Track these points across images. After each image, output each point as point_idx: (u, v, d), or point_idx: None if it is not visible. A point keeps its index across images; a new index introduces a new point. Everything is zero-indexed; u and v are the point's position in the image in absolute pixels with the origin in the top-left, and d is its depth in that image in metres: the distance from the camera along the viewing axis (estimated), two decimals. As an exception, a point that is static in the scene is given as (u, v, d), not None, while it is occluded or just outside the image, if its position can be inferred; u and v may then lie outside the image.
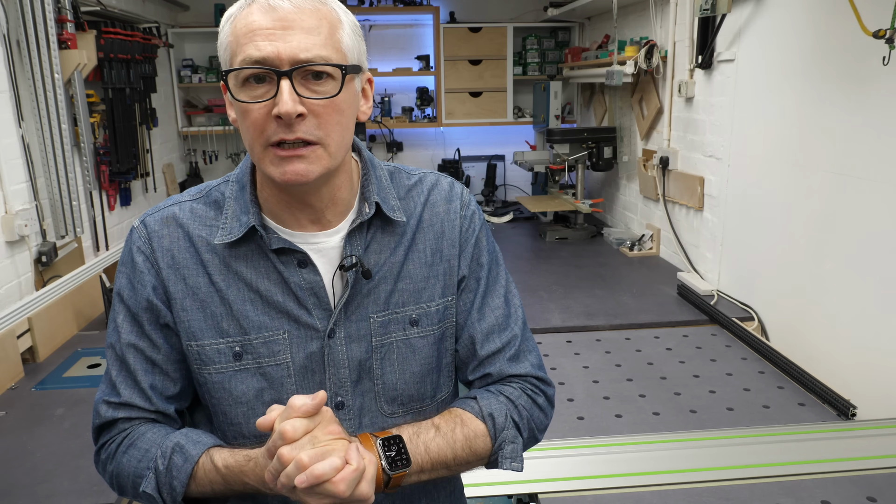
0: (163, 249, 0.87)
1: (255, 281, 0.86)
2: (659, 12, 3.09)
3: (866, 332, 1.78)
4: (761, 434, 1.48)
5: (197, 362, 0.87)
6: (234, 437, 0.89)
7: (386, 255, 0.90)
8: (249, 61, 0.76)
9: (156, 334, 0.88)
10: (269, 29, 0.76)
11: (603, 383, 1.83)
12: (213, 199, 0.89)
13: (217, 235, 0.86)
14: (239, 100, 0.78)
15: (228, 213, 0.87)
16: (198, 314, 0.86)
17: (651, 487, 1.29)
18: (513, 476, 1.30)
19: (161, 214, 0.89)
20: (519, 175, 4.91)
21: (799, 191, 2.05)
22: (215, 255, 0.86)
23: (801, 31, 2.02)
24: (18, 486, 1.54)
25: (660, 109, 3.12)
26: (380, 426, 0.90)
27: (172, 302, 0.86)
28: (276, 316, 0.86)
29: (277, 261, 0.86)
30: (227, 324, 0.86)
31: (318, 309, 0.87)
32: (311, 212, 0.87)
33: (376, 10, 4.46)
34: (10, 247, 2.41)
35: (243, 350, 0.86)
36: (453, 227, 0.94)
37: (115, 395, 0.88)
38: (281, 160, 0.79)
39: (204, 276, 0.86)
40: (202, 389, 0.89)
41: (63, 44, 2.68)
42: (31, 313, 2.28)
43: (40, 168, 2.63)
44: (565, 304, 2.50)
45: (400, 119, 4.64)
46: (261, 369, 0.86)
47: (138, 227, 0.89)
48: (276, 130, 0.77)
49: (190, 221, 0.88)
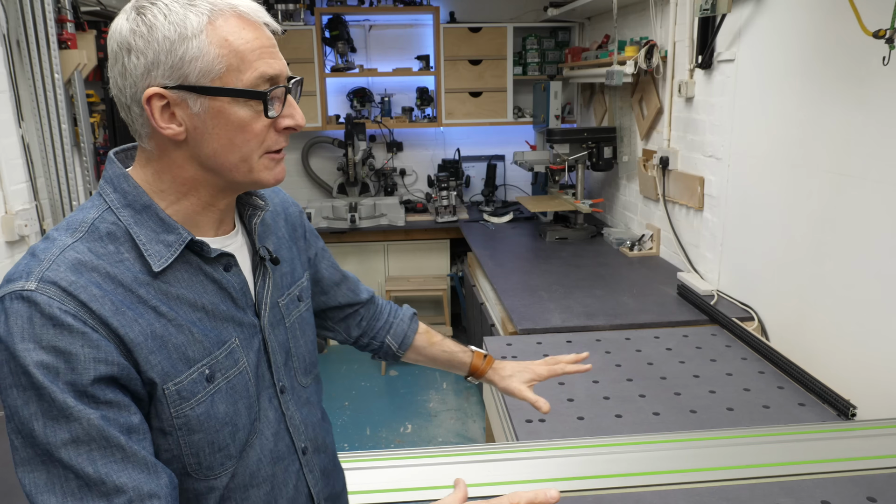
0: (94, 299, 0.74)
1: (196, 299, 0.84)
2: (659, 12, 3.10)
3: (866, 332, 1.78)
4: (761, 434, 1.48)
5: (176, 404, 0.80)
6: (221, 463, 0.86)
7: (272, 242, 0.98)
8: (265, 77, 0.80)
9: (115, 394, 0.74)
10: (270, 47, 0.82)
11: (603, 383, 1.83)
12: (104, 232, 0.79)
13: (152, 262, 0.79)
14: (271, 116, 0.81)
15: (142, 239, 0.80)
16: (162, 353, 0.79)
17: (651, 487, 1.29)
18: (513, 476, 1.30)
19: (64, 261, 0.75)
20: (519, 175, 4.91)
21: (799, 191, 2.05)
22: (150, 287, 0.79)
23: (801, 31, 2.02)
24: (18, 486, 1.54)
25: (660, 109, 3.12)
26: (302, 400, 0.99)
27: (136, 350, 0.76)
28: (224, 326, 0.86)
29: (212, 270, 0.86)
30: (192, 350, 0.82)
31: (249, 307, 0.91)
32: (227, 211, 0.90)
33: (376, 10, 4.46)
34: (10, 247, 2.41)
35: (212, 371, 0.84)
36: (289, 210, 1.06)
37: (121, 496, 0.72)
38: (276, 164, 0.85)
39: (150, 312, 0.78)
40: (176, 435, 0.81)
41: (63, 44, 2.68)
42: (31, 313, 2.28)
43: (40, 168, 2.63)
44: (565, 304, 2.49)
45: (400, 119, 4.64)
46: (229, 383, 0.86)
47: (39, 288, 0.72)
48: (279, 140, 0.84)
49: (99, 262, 0.77)
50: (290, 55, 4.35)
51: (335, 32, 4.40)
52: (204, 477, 0.85)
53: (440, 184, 4.32)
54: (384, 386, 4.05)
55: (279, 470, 0.94)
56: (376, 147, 4.80)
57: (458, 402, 3.84)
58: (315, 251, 1.12)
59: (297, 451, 0.97)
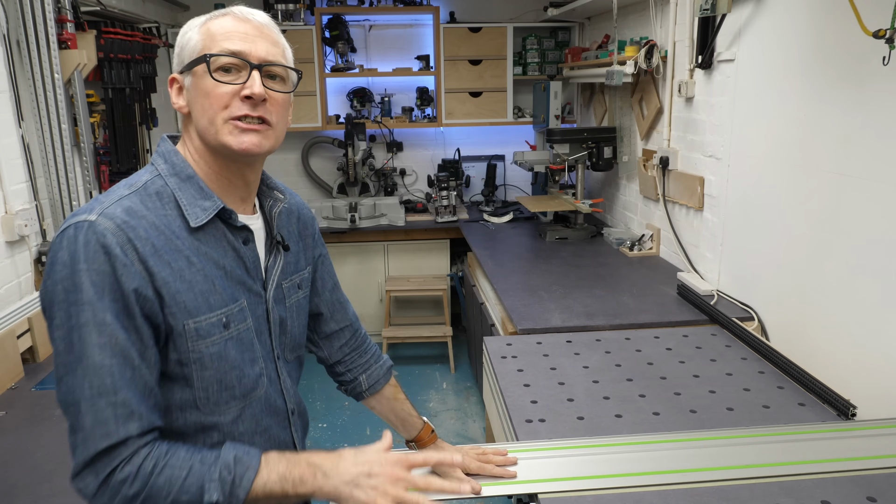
0: (140, 239, 0.91)
1: (220, 259, 1.00)
2: (659, 12, 3.10)
3: (866, 332, 1.78)
4: (761, 434, 1.48)
5: (193, 339, 0.95)
6: (227, 401, 1.01)
7: (283, 234, 1.14)
8: (227, 52, 0.96)
9: (143, 323, 0.91)
10: (243, 32, 0.98)
11: (603, 383, 1.83)
12: (153, 191, 0.97)
13: (190, 219, 0.96)
14: (216, 79, 0.96)
15: (184, 201, 0.97)
16: (189, 294, 0.95)
17: (651, 487, 1.29)
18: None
19: (120, 206, 0.92)
20: (519, 175, 4.91)
21: (799, 191, 2.05)
22: (185, 240, 0.96)
23: (801, 31, 2.02)
24: (18, 486, 1.54)
25: (660, 109, 3.12)
26: (287, 371, 1.15)
27: (164, 287, 0.92)
28: (237, 287, 1.02)
29: (234, 239, 1.03)
30: (213, 298, 0.97)
31: (258, 280, 1.07)
32: (245, 190, 1.07)
33: (376, 10, 4.46)
34: (10, 247, 2.41)
35: (229, 320, 1.00)
36: (303, 212, 1.23)
37: (124, 408, 0.87)
38: (241, 132, 0.97)
39: (183, 259, 0.95)
40: (190, 368, 0.96)
41: (63, 44, 2.68)
42: (32, 313, 2.28)
43: (40, 168, 2.63)
44: (565, 304, 2.49)
45: (400, 119, 4.64)
46: (239, 335, 1.02)
47: (99, 220, 0.89)
48: (241, 107, 0.97)
49: (147, 213, 0.94)
50: (290, 55, 4.35)
51: (335, 32, 4.39)
52: (210, 412, 0.99)
53: (440, 184, 4.32)
54: (384, 386, 4.05)
55: (274, 423, 1.11)
56: (376, 147, 4.80)
57: (459, 402, 3.84)
58: (319, 253, 1.27)
59: (287, 410, 1.14)
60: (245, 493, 0.90)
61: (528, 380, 1.85)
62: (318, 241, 1.27)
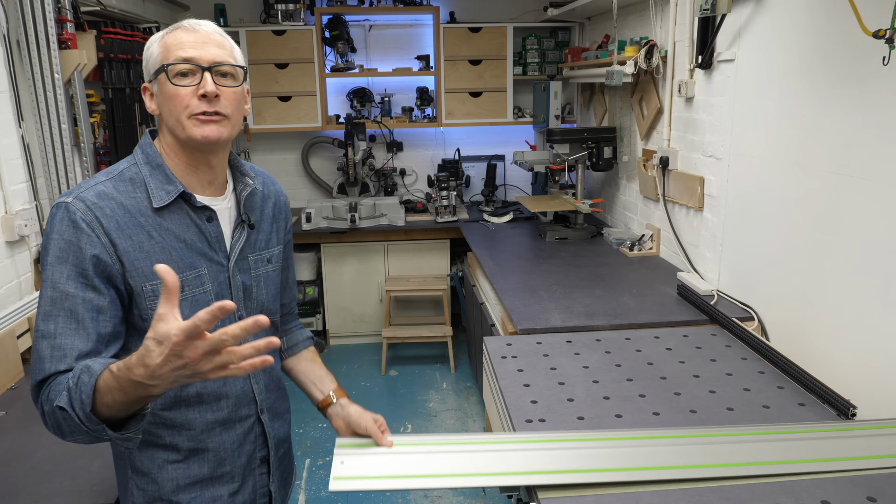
0: (106, 216, 1.13)
1: (181, 233, 1.21)
2: (659, 12, 3.10)
3: (866, 332, 1.78)
4: (761, 433, 1.48)
5: (150, 298, 1.16)
6: None
7: (255, 215, 1.34)
8: (181, 59, 1.16)
9: (100, 283, 1.12)
10: (193, 41, 1.17)
11: (603, 383, 1.83)
12: (128, 177, 1.19)
13: (154, 201, 1.17)
14: (175, 84, 1.15)
15: (152, 185, 1.19)
16: (147, 262, 1.15)
17: (650, 486, 1.29)
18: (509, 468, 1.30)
19: (93, 191, 1.15)
20: (519, 175, 4.91)
21: (799, 191, 2.05)
22: (148, 218, 1.18)
23: (801, 31, 2.02)
24: (18, 486, 1.54)
25: (660, 109, 3.12)
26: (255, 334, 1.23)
27: (124, 255, 1.14)
28: (198, 257, 1.22)
29: (196, 217, 1.22)
30: (170, 266, 1.02)
31: (220, 252, 1.26)
32: (211, 173, 1.25)
33: (376, 10, 4.46)
34: (10, 247, 2.41)
35: (184, 284, 1.18)
36: (280, 199, 1.43)
37: (59, 350, 1.07)
38: (202, 123, 1.17)
39: (144, 233, 1.16)
40: (148, 323, 1.03)
41: (63, 44, 2.68)
42: (32, 313, 2.28)
43: (40, 168, 2.63)
44: (565, 304, 2.49)
45: (400, 119, 4.64)
46: (195, 298, 1.21)
47: (73, 202, 1.12)
48: (199, 105, 1.16)
49: (118, 195, 1.17)
50: (290, 55, 4.35)
51: (335, 32, 4.40)
52: None
53: (440, 184, 4.32)
54: (384, 386, 4.05)
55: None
56: (376, 147, 4.80)
57: (458, 401, 3.84)
58: (288, 239, 1.47)
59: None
60: (89, 398, 0.99)
61: (528, 380, 1.85)
62: (289, 226, 1.47)
